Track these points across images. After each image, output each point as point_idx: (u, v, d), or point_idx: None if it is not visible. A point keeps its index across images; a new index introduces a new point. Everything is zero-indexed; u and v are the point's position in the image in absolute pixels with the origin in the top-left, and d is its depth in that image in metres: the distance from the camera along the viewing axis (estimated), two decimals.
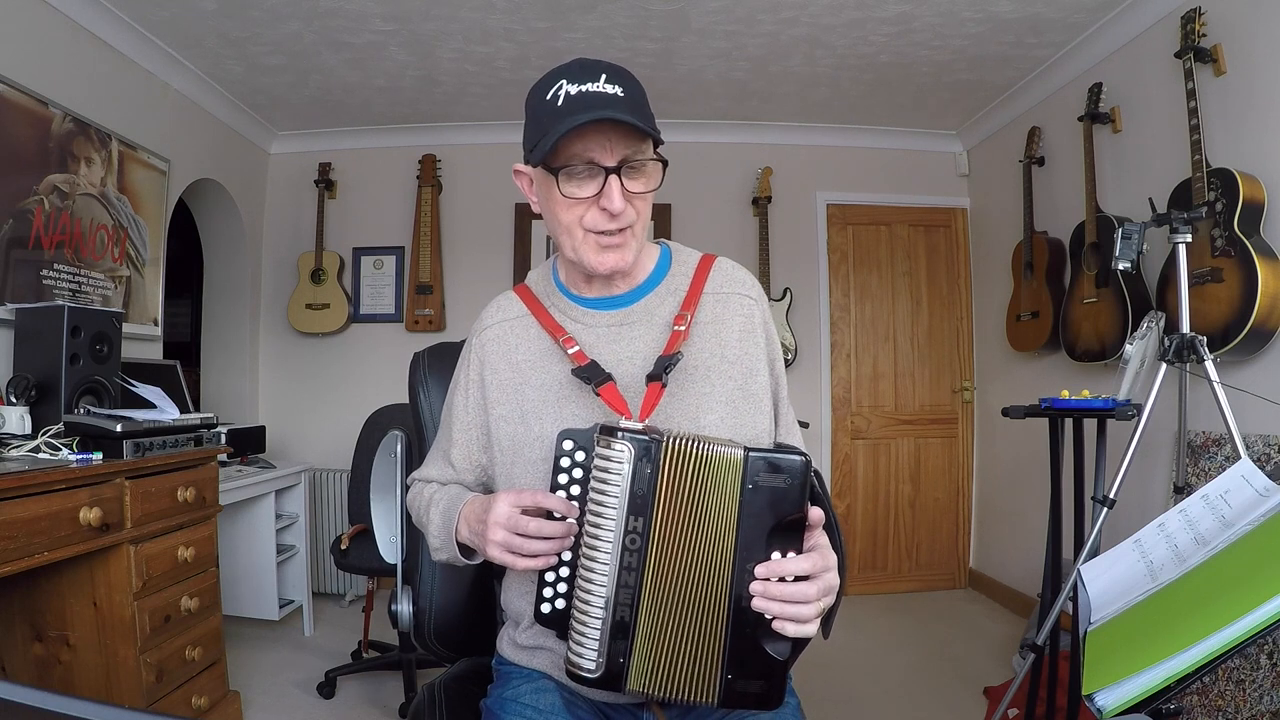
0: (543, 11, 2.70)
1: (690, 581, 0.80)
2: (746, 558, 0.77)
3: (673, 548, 0.80)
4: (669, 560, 0.80)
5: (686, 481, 0.80)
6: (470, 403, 1.01)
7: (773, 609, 0.77)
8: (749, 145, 3.86)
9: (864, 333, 3.91)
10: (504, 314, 1.02)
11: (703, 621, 0.80)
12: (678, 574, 0.80)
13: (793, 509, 0.76)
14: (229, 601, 2.58)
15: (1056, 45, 2.92)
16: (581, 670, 0.81)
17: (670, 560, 0.80)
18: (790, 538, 0.77)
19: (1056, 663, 2.08)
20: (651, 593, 0.80)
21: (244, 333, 3.75)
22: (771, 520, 0.77)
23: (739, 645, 0.78)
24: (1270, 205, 2.03)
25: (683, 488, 0.80)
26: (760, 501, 0.77)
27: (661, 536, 0.80)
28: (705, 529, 0.80)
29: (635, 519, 0.79)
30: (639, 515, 0.79)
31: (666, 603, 0.80)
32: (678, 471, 0.80)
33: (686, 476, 0.80)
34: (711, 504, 0.79)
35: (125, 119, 2.75)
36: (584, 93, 0.84)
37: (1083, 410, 1.92)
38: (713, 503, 0.79)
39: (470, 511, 0.91)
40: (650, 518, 0.79)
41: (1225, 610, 0.71)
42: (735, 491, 0.78)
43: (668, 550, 0.80)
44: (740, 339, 0.98)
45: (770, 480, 0.76)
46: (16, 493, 1.51)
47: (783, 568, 0.77)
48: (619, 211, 0.87)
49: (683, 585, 0.80)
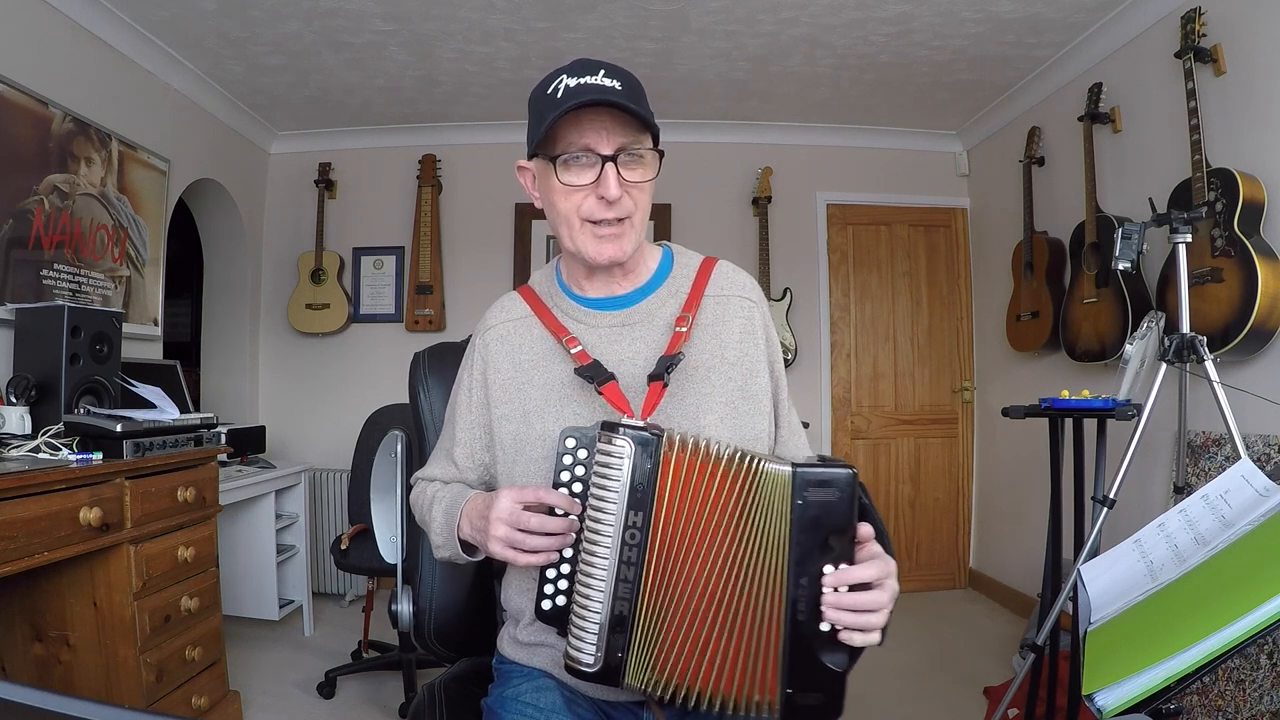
0: (543, 11, 2.70)
1: (715, 585, 0.80)
2: (800, 572, 0.77)
3: (680, 545, 0.80)
4: (675, 557, 0.80)
5: (694, 480, 0.80)
6: (473, 402, 1.02)
7: (844, 619, 0.76)
8: (749, 145, 3.86)
9: (864, 333, 3.90)
10: (507, 314, 1.03)
11: (748, 634, 0.79)
12: (689, 573, 0.80)
13: (843, 522, 0.77)
14: (229, 601, 2.58)
15: (1056, 45, 2.92)
16: (580, 664, 0.81)
17: (677, 558, 0.80)
18: (843, 549, 0.77)
19: (1056, 663, 2.08)
20: (653, 588, 0.80)
21: (244, 333, 3.75)
22: (823, 534, 0.77)
23: (798, 659, 0.78)
24: (1270, 205, 2.03)
25: (690, 486, 0.80)
26: (810, 516, 0.77)
27: (664, 533, 0.80)
28: (739, 537, 0.79)
29: (635, 514, 0.79)
30: (639, 510, 0.79)
31: (674, 601, 0.80)
32: (683, 470, 0.80)
33: (694, 476, 0.80)
34: (748, 514, 0.79)
35: (125, 119, 2.75)
36: (582, 84, 0.86)
37: (1083, 410, 1.92)
38: (750, 513, 0.79)
39: (472, 508, 0.92)
40: (650, 513, 0.79)
41: (1225, 610, 0.71)
42: (785, 507, 0.77)
43: (673, 547, 0.80)
44: (740, 341, 0.98)
45: (819, 495, 0.77)
46: (16, 493, 1.51)
47: (850, 576, 0.77)
48: (615, 199, 0.88)
49: (699, 586, 0.80)
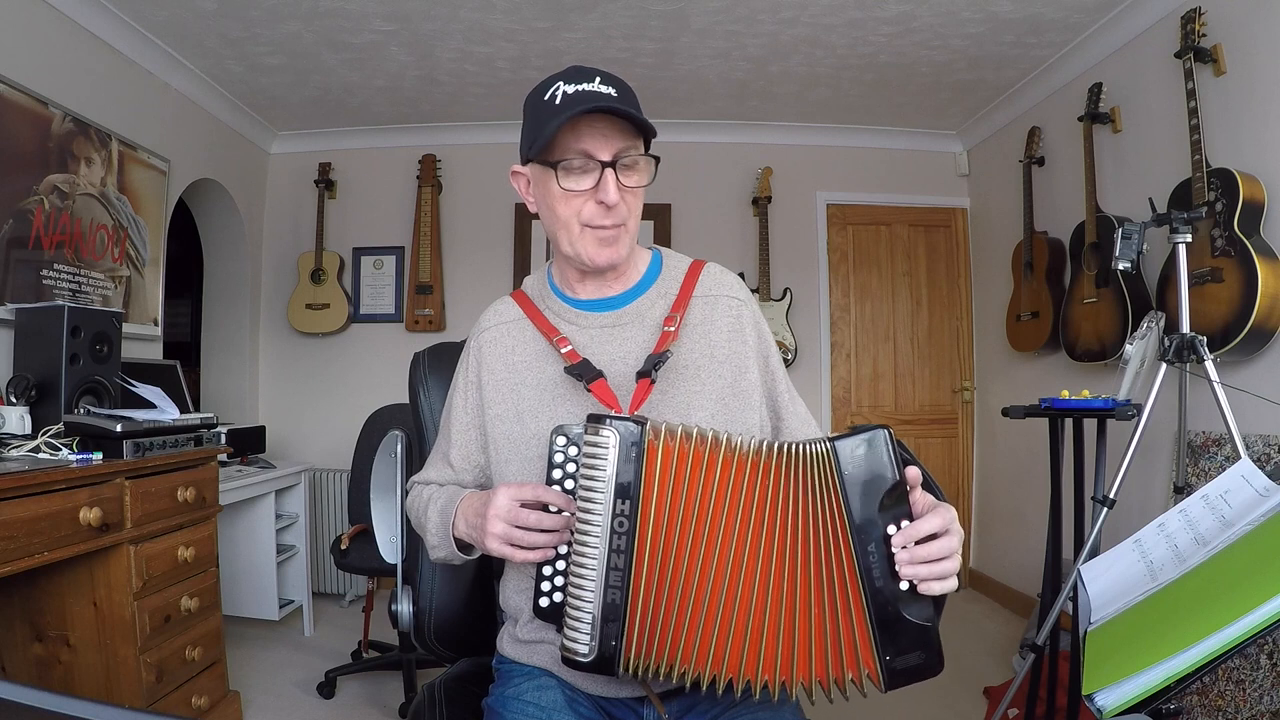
0: (543, 11, 2.70)
1: (746, 571, 0.79)
2: (864, 540, 0.77)
3: (677, 533, 0.80)
4: (671, 544, 0.80)
5: (691, 469, 0.80)
6: (468, 404, 1.03)
7: (920, 573, 0.77)
8: (749, 145, 3.86)
9: (864, 333, 3.91)
10: (500, 317, 1.05)
11: (818, 613, 0.79)
12: (692, 560, 0.80)
13: (891, 478, 0.77)
14: (229, 601, 2.58)
15: (1056, 45, 2.92)
16: (575, 655, 0.81)
17: (674, 545, 0.80)
18: (899, 504, 0.78)
19: (1056, 663, 2.09)
20: (647, 576, 0.80)
21: (244, 333, 3.75)
22: (877, 496, 0.77)
23: (886, 625, 0.78)
24: (1270, 205, 2.03)
25: (687, 475, 0.80)
26: (860, 482, 0.77)
27: (655, 520, 0.80)
28: (775, 521, 0.80)
29: (622, 502, 0.80)
30: (625, 499, 0.80)
31: (675, 588, 0.80)
32: (672, 458, 0.80)
33: (689, 465, 0.80)
34: (784, 496, 0.79)
35: (125, 119, 2.75)
36: (580, 91, 0.88)
37: (1083, 410, 1.92)
38: (789, 495, 0.79)
39: (468, 506, 0.92)
40: (638, 501, 0.80)
41: (1225, 610, 0.71)
42: (832, 480, 0.78)
43: (669, 534, 0.80)
44: (729, 339, 1.00)
45: (862, 459, 0.77)
46: (16, 493, 1.51)
47: (917, 530, 0.77)
48: (615, 204, 0.90)
49: (713, 573, 0.80)
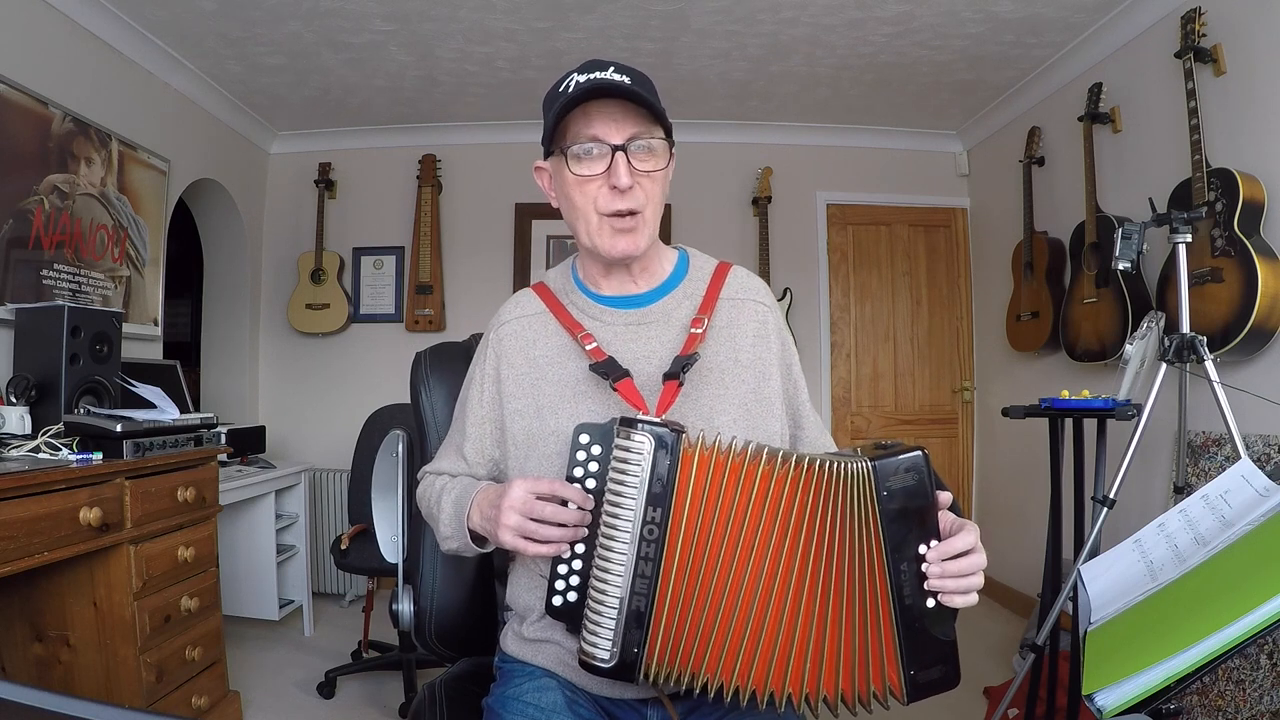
0: (543, 11, 2.70)
1: (774, 584, 0.80)
2: (899, 559, 0.79)
3: (708, 544, 0.80)
4: (701, 555, 0.80)
5: (725, 480, 0.80)
6: (485, 397, 1.02)
7: (948, 587, 0.79)
8: (749, 145, 3.86)
9: (864, 333, 3.91)
10: (522, 310, 1.03)
11: (846, 629, 0.80)
12: (724, 572, 0.80)
13: (926, 502, 0.80)
14: (229, 601, 2.58)
15: (1056, 45, 2.92)
16: (595, 660, 0.81)
17: (704, 556, 0.80)
18: (930, 524, 0.80)
19: (1056, 663, 2.08)
20: (675, 585, 0.80)
21: (244, 333, 3.75)
22: (912, 518, 0.80)
23: (912, 640, 0.80)
24: (1270, 205, 2.03)
25: (721, 486, 0.80)
26: (897, 505, 0.79)
27: (686, 530, 0.80)
28: (810, 537, 0.80)
29: (654, 510, 0.80)
30: (657, 506, 0.80)
31: (703, 599, 0.80)
32: (708, 469, 0.80)
33: (724, 476, 0.80)
34: (820, 512, 0.80)
35: (125, 119, 2.75)
36: (593, 79, 0.88)
37: (1083, 410, 1.92)
38: (824, 511, 0.80)
39: (484, 498, 0.91)
40: (669, 510, 0.80)
41: (1225, 610, 0.71)
42: (870, 500, 0.79)
43: (700, 545, 0.80)
44: (754, 344, 1.00)
45: (902, 482, 0.79)
46: (16, 493, 1.51)
47: (949, 548, 0.79)
48: (626, 187, 0.89)
49: (741, 586, 0.80)
